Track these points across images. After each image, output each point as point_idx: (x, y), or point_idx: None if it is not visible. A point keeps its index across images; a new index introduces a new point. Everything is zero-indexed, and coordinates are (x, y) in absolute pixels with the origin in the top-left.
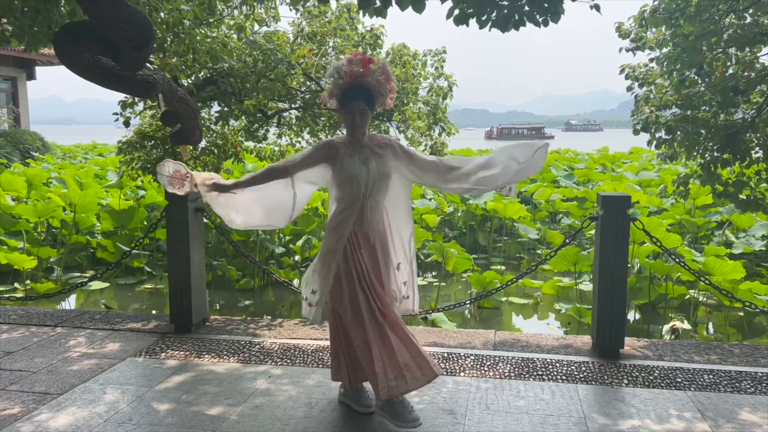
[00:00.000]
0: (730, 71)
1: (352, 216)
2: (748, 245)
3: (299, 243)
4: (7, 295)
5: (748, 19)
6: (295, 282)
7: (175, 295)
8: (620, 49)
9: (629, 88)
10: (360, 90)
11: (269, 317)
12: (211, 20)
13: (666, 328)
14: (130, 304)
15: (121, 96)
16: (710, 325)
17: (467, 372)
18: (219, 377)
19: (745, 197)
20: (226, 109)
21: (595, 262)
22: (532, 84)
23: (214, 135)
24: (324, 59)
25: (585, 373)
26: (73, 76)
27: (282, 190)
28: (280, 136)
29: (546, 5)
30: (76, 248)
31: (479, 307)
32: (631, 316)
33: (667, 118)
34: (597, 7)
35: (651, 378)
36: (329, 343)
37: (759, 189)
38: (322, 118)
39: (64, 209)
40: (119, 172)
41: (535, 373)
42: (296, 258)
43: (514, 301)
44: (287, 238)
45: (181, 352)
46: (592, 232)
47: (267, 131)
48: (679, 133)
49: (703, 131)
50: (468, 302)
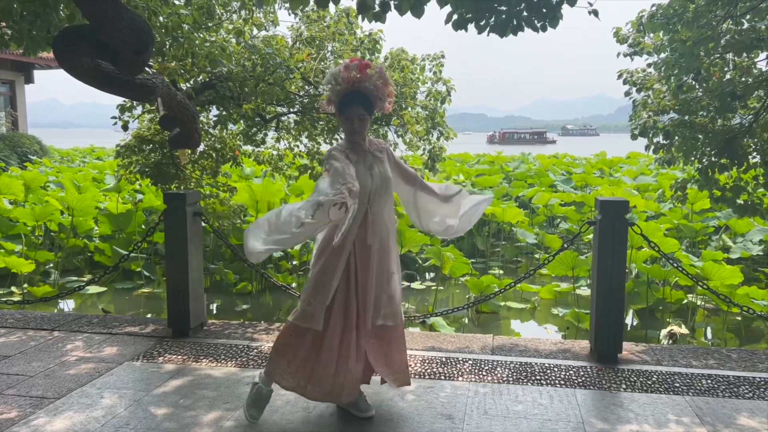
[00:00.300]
0: (728, 76)
1: (356, 225)
2: (746, 250)
3: (297, 247)
4: (4, 299)
5: (746, 25)
6: (294, 286)
7: (173, 299)
8: (618, 54)
9: (627, 93)
10: (358, 95)
11: (267, 323)
12: (210, 24)
13: (664, 332)
14: (127, 308)
15: (119, 100)
16: (708, 330)
17: (465, 377)
18: (217, 381)
19: (742, 202)
20: (224, 113)
21: (593, 266)
22: (529, 88)
23: (212, 139)
24: (323, 63)
25: (583, 378)
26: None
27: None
28: (278, 140)
29: (544, 11)
30: (74, 252)
31: (477, 311)
32: (628, 320)
33: (664, 123)
34: (595, 13)
35: (649, 383)
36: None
37: (756, 194)
38: (321, 123)
39: (61, 213)
40: (117, 175)
41: (533, 378)
42: (294, 262)
43: (511, 305)
44: None
45: (179, 357)
46: (590, 236)
47: (265, 135)
48: (676, 138)
49: (700, 136)
50: (466, 307)
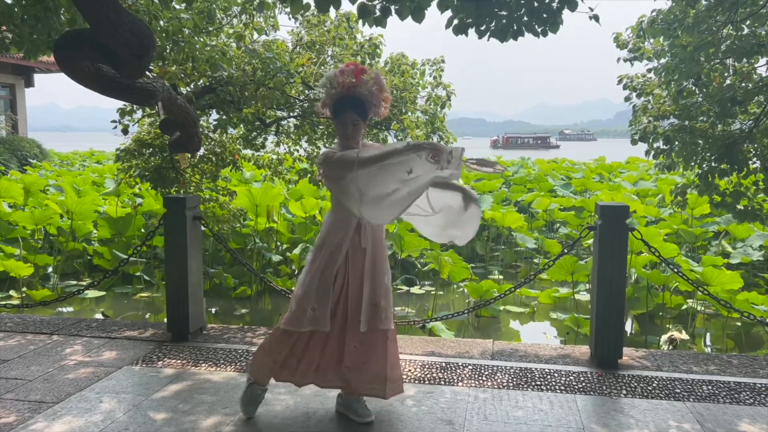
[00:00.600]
0: (728, 82)
1: (350, 230)
2: (746, 255)
3: (296, 251)
4: (3, 303)
5: (746, 30)
6: (292, 290)
7: (172, 303)
8: (618, 59)
9: (627, 98)
10: (352, 101)
11: (266, 327)
12: (210, 29)
13: (664, 338)
14: (126, 312)
15: (119, 104)
16: (708, 336)
17: (465, 382)
18: (216, 386)
19: (742, 207)
20: (224, 117)
21: (594, 271)
22: (528, 93)
23: (212, 143)
24: (323, 68)
25: (583, 384)
26: (72, 84)
27: None
28: (278, 144)
29: (545, 16)
30: (73, 256)
31: (477, 315)
32: (628, 326)
33: (665, 128)
34: (596, 18)
35: (650, 388)
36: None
37: (756, 199)
38: (321, 127)
39: (61, 216)
40: (117, 179)
41: (533, 383)
42: (293, 267)
43: (511, 309)
44: (284, 246)
45: (178, 361)
46: (590, 241)
47: (265, 139)
48: (677, 143)
49: (700, 141)
50: (466, 311)
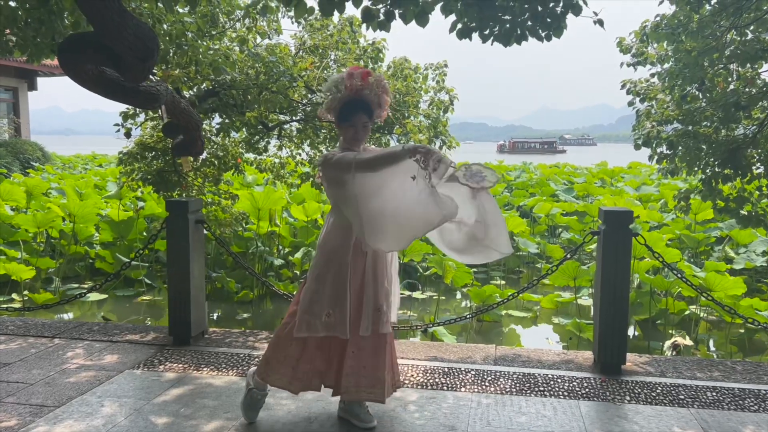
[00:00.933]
0: (732, 87)
1: (351, 232)
2: (749, 261)
3: (298, 255)
4: (5, 306)
5: (750, 36)
6: (294, 294)
7: (174, 307)
8: (621, 64)
9: (631, 103)
10: (361, 103)
11: (268, 331)
12: (213, 32)
13: (667, 344)
14: (128, 316)
15: (122, 107)
16: (711, 342)
17: (468, 387)
18: (218, 390)
19: (746, 213)
20: (227, 120)
21: (597, 276)
22: (530, 98)
23: (214, 147)
24: (326, 72)
25: (587, 389)
26: (75, 87)
27: None
28: (280, 148)
29: (549, 20)
30: (75, 259)
31: (479, 320)
32: (630, 331)
33: (668, 133)
34: (600, 22)
35: (653, 395)
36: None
37: (760, 205)
38: (323, 131)
39: (63, 219)
40: (119, 182)
41: (536, 389)
42: (295, 270)
43: (513, 314)
44: (286, 250)
45: (180, 365)
46: (592, 246)
47: (268, 143)
48: (680, 148)
49: (704, 146)
50: (468, 316)
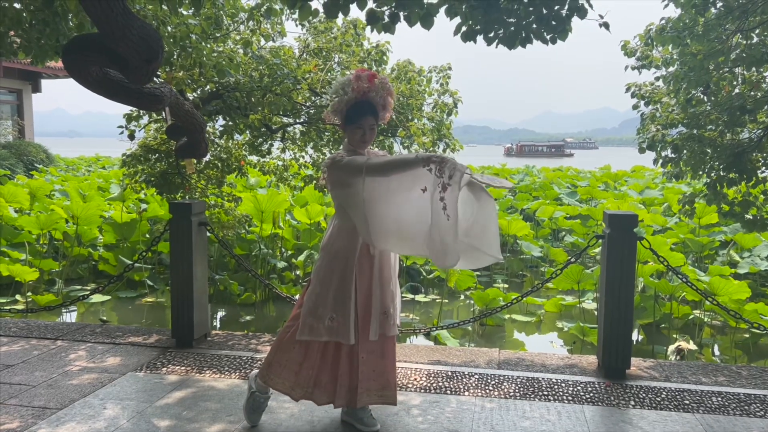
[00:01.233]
0: (737, 91)
1: (358, 235)
2: (754, 265)
3: (301, 258)
4: (8, 308)
5: (755, 39)
6: (297, 297)
7: (177, 310)
8: (626, 68)
9: (635, 107)
10: (368, 105)
11: (270, 334)
12: (217, 35)
13: (671, 348)
14: (131, 318)
15: (126, 109)
16: (715, 346)
17: (471, 391)
18: (220, 393)
19: (751, 217)
20: (231, 123)
21: (601, 280)
22: (533, 101)
23: (218, 149)
24: (330, 74)
25: (591, 394)
26: (78, 89)
27: None
28: (283, 150)
29: (554, 23)
30: (78, 261)
31: (482, 324)
32: (634, 336)
33: (673, 137)
34: (606, 25)
35: (658, 399)
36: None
37: (765, 209)
38: (327, 133)
39: (66, 221)
40: (122, 185)
41: (540, 393)
42: (298, 273)
43: (516, 318)
44: (289, 252)
45: (182, 368)
46: (596, 250)
47: (271, 146)
48: (685, 151)
49: (709, 150)
50: (471, 320)
